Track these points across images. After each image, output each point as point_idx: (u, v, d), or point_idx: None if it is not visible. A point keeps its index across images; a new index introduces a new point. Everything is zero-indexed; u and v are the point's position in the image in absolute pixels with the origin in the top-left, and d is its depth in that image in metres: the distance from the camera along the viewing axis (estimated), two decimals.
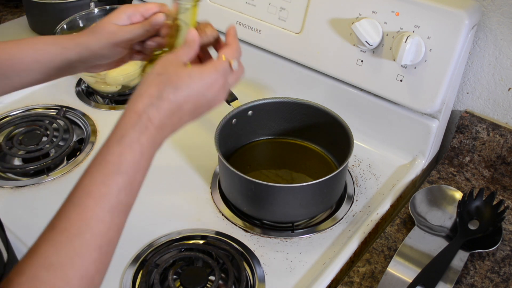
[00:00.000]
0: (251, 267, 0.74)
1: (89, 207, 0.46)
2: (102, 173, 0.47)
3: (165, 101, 0.51)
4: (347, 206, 0.83)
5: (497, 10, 0.81)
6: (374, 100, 0.90)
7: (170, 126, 0.53)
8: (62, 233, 0.44)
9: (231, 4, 1.00)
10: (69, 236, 0.44)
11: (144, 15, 0.68)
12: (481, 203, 0.77)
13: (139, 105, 0.51)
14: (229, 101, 0.87)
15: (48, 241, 0.44)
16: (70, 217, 0.45)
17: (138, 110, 0.51)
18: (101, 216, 0.46)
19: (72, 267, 0.43)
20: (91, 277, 0.45)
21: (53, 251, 0.43)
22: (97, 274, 0.45)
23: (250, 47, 1.02)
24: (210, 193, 0.85)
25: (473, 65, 0.87)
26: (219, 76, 0.57)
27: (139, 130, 0.50)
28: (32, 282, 0.42)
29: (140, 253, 0.75)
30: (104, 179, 0.47)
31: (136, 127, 0.50)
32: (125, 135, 0.49)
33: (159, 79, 0.53)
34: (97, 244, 0.45)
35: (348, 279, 0.72)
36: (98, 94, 1.08)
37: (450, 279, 0.69)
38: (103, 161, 0.48)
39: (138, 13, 0.68)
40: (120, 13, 0.67)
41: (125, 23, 0.67)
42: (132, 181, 0.49)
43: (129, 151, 0.49)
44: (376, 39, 0.82)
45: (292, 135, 0.93)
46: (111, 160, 0.48)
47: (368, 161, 0.92)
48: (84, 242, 0.45)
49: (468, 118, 0.89)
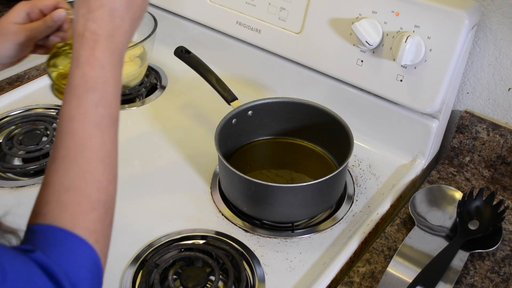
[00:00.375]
0: (251, 267, 0.74)
1: (76, 129, 0.49)
2: (74, 97, 0.50)
3: (96, 11, 0.52)
4: (347, 206, 0.83)
5: (497, 10, 0.81)
6: (374, 100, 0.90)
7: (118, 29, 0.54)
8: (64, 160, 0.48)
9: (231, 4, 1.00)
10: (71, 160, 0.48)
11: (44, 11, 0.69)
12: (481, 203, 0.77)
13: (78, 27, 0.53)
14: (229, 101, 0.87)
15: (56, 171, 0.48)
16: (65, 145, 0.48)
17: (79, 32, 0.52)
18: (91, 133, 0.49)
19: (86, 183, 0.47)
20: (105, 188, 0.49)
21: (64, 177, 0.47)
22: (109, 184, 0.50)
23: (250, 47, 1.03)
24: (210, 193, 0.85)
25: (473, 65, 0.87)
26: None
27: (89, 47, 0.51)
28: (58, 206, 0.46)
29: (140, 253, 0.75)
30: (79, 102, 0.50)
31: (85, 46, 0.51)
32: (79, 57, 0.51)
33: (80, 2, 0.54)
34: (99, 158, 0.49)
35: (348, 279, 0.72)
36: None
37: (450, 279, 0.69)
38: (71, 88, 0.51)
39: (36, 9, 0.68)
40: (18, 11, 0.68)
41: (24, 21, 0.68)
42: (105, 93, 0.51)
43: (88, 69, 0.51)
44: (376, 39, 0.82)
45: (292, 135, 0.93)
46: (77, 84, 0.50)
47: (368, 161, 0.92)
48: (87, 160, 0.48)
49: (468, 118, 0.89)
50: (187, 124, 1.00)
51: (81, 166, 0.48)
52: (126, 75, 1.01)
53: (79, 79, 0.50)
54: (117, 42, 0.53)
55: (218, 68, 0.94)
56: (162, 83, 1.10)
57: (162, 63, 1.15)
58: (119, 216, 0.82)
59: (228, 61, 1.08)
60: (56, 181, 0.47)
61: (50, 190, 0.47)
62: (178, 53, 0.94)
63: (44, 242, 0.45)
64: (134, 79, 1.05)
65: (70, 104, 0.50)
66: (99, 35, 0.52)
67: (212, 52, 1.09)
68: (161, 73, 1.13)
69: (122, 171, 0.90)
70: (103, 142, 0.50)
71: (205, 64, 0.92)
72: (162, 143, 0.95)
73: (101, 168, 0.49)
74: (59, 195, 0.47)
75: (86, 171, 0.48)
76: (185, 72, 0.99)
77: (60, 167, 0.48)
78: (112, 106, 0.52)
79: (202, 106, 1.04)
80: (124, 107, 1.04)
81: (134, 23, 0.57)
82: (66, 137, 0.49)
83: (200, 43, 1.10)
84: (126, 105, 1.05)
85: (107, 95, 0.51)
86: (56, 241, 0.45)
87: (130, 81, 1.04)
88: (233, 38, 1.04)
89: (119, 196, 0.85)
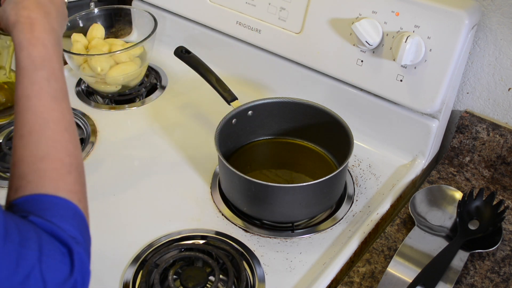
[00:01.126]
0: (251, 267, 0.74)
1: (36, 105, 0.52)
2: (25, 77, 0.53)
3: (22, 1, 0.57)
4: (347, 206, 0.83)
5: (497, 10, 0.81)
6: (374, 100, 0.90)
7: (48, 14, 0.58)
8: (31, 134, 0.51)
9: (231, 4, 1.00)
10: (38, 132, 0.51)
11: None
12: (481, 203, 0.77)
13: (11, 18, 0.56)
14: (229, 101, 0.87)
15: (26, 146, 0.50)
16: (28, 121, 0.51)
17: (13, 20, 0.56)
18: (49, 106, 0.52)
19: (57, 150, 0.51)
20: (74, 153, 0.52)
21: (36, 149, 0.50)
22: (76, 149, 0.53)
23: (250, 47, 1.03)
24: (210, 193, 0.85)
25: (473, 65, 0.87)
26: None
27: (28, 30, 0.55)
28: (37, 175, 0.49)
29: (140, 253, 0.75)
30: (31, 80, 0.53)
31: (24, 31, 0.55)
32: (21, 41, 0.54)
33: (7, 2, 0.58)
34: (63, 127, 0.52)
35: (348, 279, 0.72)
36: (98, 94, 1.08)
37: (450, 279, 0.69)
38: (20, 70, 0.53)
39: None
40: None
41: None
42: (52, 69, 0.54)
43: (32, 48, 0.54)
44: (376, 39, 0.82)
45: (292, 135, 0.93)
46: (25, 64, 0.53)
47: (368, 161, 0.92)
48: (53, 130, 0.51)
49: (468, 118, 0.89)
50: (187, 124, 1.00)
51: (49, 136, 0.51)
52: (126, 75, 1.01)
53: (26, 60, 0.53)
54: (51, 23, 0.58)
55: (218, 68, 0.94)
56: (162, 83, 1.11)
57: (162, 63, 1.15)
58: (119, 216, 0.82)
59: (228, 61, 1.08)
60: (28, 154, 0.50)
61: (24, 164, 0.49)
62: (178, 53, 0.94)
63: (34, 209, 0.47)
64: (134, 79, 1.05)
65: (23, 84, 0.52)
66: (33, 18, 0.56)
67: (212, 52, 1.09)
68: (161, 73, 1.13)
69: (122, 171, 0.90)
70: (62, 113, 0.53)
71: (205, 64, 0.92)
72: (162, 143, 0.95)
73: (67, 136, 0.52)
74: (35, 165, 0.49)
75: (55, 140, 0.51)
76: (185, 72, 1.00)
77: (29, 142, 0.50)
78: (61, 80, 0.55)
79: (202, 106, 1.04)
80: (124, 107, 1.04)
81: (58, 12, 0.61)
82: (27, 114, 0.51)
83: (200, 43, 1.10)
84: (126, 105, 1.05)
85: (55, 70, 0.54)
86: (45, 206, 0.47)
87: (130, 81, 1.04)
88: (233, 38, 1.04)
89: (119, 196, 0.85)
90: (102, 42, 1.06)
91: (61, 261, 0.45)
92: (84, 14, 1.11)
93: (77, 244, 0.46)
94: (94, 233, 0.78)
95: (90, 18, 1.11)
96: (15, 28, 0.55)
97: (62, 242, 0.45)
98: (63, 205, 0.49)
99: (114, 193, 0.85)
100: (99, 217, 0.81)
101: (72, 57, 1.01)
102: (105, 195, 0.85)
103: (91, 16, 1.12)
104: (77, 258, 0.46)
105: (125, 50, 1.00)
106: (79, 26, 1.10)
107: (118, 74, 1.00)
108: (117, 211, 0.83)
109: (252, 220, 0.81)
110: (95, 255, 0.75)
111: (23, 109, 0.52)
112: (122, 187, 0.87)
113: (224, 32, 1.04)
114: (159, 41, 1.14)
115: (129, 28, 1.23)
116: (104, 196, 0.85)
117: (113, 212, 0.82)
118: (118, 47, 1.05)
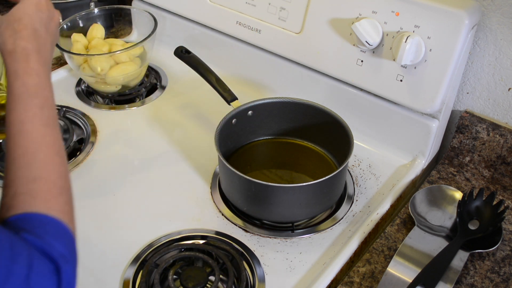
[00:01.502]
0: (251, 267, 0.74)
1: (29, 129, 0.54)
2: (20, 103, 0.55)
3: (22, 31, 0.60)
4: (347, 206, 0.83)
5: (497, 10, 0.81)
6: (374, 100, 0.90)
7: (43, 46, 0.61)
8: (24, 157, 0.52)
9: (231, 4, 1.00)
10: (31, 155, 0.53)
11: None
12: (481, 203, 0.77)
13: (8, 46, 0.59)
14: (229, 101, 0.87)
15: (19, 168, 0.52)
16: (21, 144, 0.53)
17: (10, 49, 0.59)
18: (42, 131, 0.54)
19: (49, 173, 0.53)
20: (65, 176, 0.54)
21: (28, 170, 0.52)
22: (67, 173, 0.55)
23: (250, 47, 1.03)
24: (210, 193, 0.85)
25: (473, 65, 0.87)
26: None
27: (23, 60, 0.58)
28: (29, 195, 0.50)
29: (140, 253, 0.75)
30: (25, 106, 0.55)
31: (19, 61, 0.58)
32: (16, 70, 0.57)
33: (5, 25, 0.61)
34: (55, 151, 0.54)
35: (348, 279, 0.72)
36: (98, 94, 1.08)
37: (450, 279, 0.69)
38: (14, 97, 0.55)
39: None
40: None
41: None
42: (46, 98, 0.57)
43: (27, 77, 0.57)
44: (376, 39, 0.82)
45: (292, 135, 0.93)
46: (20, 92, 0.56)
47: (368, 161, 0.92)
48: (45, 153, 0.53)
49: (468, 118, 0.89)
50: (187, 124, 1.00)
51: (42, 159, 0.53)
52: (126, 75, 1.01)
53: (21, 88, 0.56)
54: (44, 56, 0.61)
55: (218, 68, 0.94)
56: (162, 83, 1.11)
57: (162, 63, 1.15)
58: (119, 216, 0.82)
59: (228, 61, 1.08)
60: (21, 175, 0.51)
61: (17, 184, 0.51)
62: (178, 53, 0.94)
63: (26, 227, 0.48)
64: (134, 79, 1.05)
65: (17, 110, 0.55)
66: (30, 49, 0.59)
67: (212, 52, 1.09)
68: (161, 73, 1.13)
69: (122, 171, 0.90)
70: (54, 138, 0.55)
71: (205, 64, 0.92)
72: (162, 143, 0.95)
73: (58, 159, 0.54)
74: (27, 185, 0.51)
75: (47, 163, 0.53)
76: (185, 72, 1.00)
77: (22, 164, 0.52)
78: (53, 108, 0.58)
79: (202, 106, 1.04)
80: (124, 107, 1.04)
81: (53, 43, 0.66)
82: (21, 137, 0.53)
83: (200, 43, 1.11)
84: (126, 105, 1.05)
85: (48, 99, 0.57)
86: (37, 224, 0.49)
87: (130, 81, 1.04)
88: (233, 38, 1.04)
89: (119, 196, 0.85)
90: (102, 42, 1.06)
91: (50, 278, 0.46)
92: (84, 14, 1.11)
93: (66, 262, 0.47)
94: (94, 233, 0.79)
95: (90, 18, 1.11)
96: (11, 56, 0.58)
97: (52, 259, 0.46)
98: (54, 224, 0.50)
99: (114, 193, 0.85)
100: (99, 217, 0.81)
101: (72, 57, 1.01)
102: (105, 195, 0.85)
103: (91, 16, 1.12)
104: (65, 277, 0.47)
105: (125, 50, 1.00)
106: (79, 26, 1.10)
107: (118, 74, 1.00)
108: (117, 211, 0.83)
109: (252, 220, 0.81)
110: (95, 255, 0.75)
111: (17, 133, 0.54)
112: (122, 187, 0.87)
113: (224, 32, 1.04)
114: (159, 41, 1.14)
115: (129, 28, 1.23)
116: (104, 196, 0.85)
117: (113, 212, 0.82)
118: (118, 47, 1.05)
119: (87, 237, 0.78)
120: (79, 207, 0.83)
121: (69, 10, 1.17)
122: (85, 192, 0.85)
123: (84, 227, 0.79)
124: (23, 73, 0.57)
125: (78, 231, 0.80)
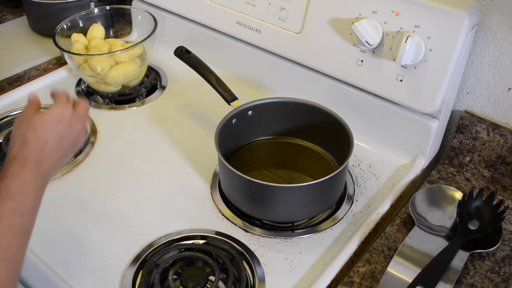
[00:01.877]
0: (251, 267, 0.74)
1: None
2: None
3: (31, 141, 0.61)
4: (347, 206, 0.83)
5: (497, 10, 0.81)
6: (374, 100, 0.90)
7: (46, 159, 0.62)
8: None
9: (231, 4, 1.00)
10: None
11: None
12: (481, 203, 0.77)
13: (12, 152, 0.61)
14: (229, 101, 0.87)
15: None
16: None
17: (13, 155, 0.60)
18: (2, 233, 0.54)
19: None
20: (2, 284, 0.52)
21: None
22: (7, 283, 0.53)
23: (250, 47, 1.03)
24: (210, 193, 0.85)
25: (473, 65, 0.87)
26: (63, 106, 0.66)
27: (18, 166, 0.59)
28: None
29: (140, 253, 0.75)
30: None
31: (14, 165, 0.59)
32: (7, 173, 0.59)
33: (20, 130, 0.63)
34: (5, 256, 0.54)
35: (348, 279, 0.72)
36: (98, 94, 1.08)
37: (450, 279, 0.69)
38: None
39: None
40: None
41: None
42: (23, 203, 0.57)
43: (12, 181, 0.58)
44: (376, 39, 0.82)
45: (292, 135, 0.93)
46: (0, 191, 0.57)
47: (368, 161, 0.92)
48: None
49: (468, 118, 0.89)
50: (187, 124, 1.00)
51: None
52: (126, 75, 1.02)
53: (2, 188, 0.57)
54: (43, 169, 0.61)
55: (218, 68, 0.94)
56: (162, 83, 1.11)
57: (162, 63, 1.15)
58: (119, 216, 0.82)
59: (228, 61, 1.08)
60: None
61: None
62: (178, 53, 0.94)
63: None
64: (134, 79, 1.05)
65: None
66: (29, 159, 0.60)
67: (212, 52, 1.09)
68: (161, 73, 1.13)
69: (122, 171, 0.90)
70: (11, 243, 0.55)
71: (205, 64, 0.92)
72: (162, 143, 0.95)
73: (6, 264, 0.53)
74: None
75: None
76: (185, 72, 1.00)
77: None
78: (27, 217, 0.58)
79: (202, 106, 1.04)
80: (124, 107, 1.04)
81: (63, 157, 0.65)
82: None
83: (200, 43, 1.11)
84: (126, 105, 1.05)
85: (25, 205, 0.57)
86: None
87: (130, 81, 1.04)
88: (233, 38, 1.04)
89: (119, 196, 0.85)
90: (102, 42, 1.06)
91: None
92: (84, 14, 1.11)
93: None
94: (94, 233, 0.79)
95: (90, 18, 1.11)
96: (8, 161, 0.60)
97: None
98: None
99: (114, 193, 0.85)
100: (99, 217, 0.81)
101: (72, 57, 1.01)
102: (105, 195, 0.85)
103: (91, 16, 1.12)
104: None
105: (125, 50, 1.00)
106: (79, 26, 1.10)
107: (118, 74, 1.00)
108: (117, 211, 0.83)
109: (252, 220, 0.81)
110: (95, 255, 0.75)
111: None
112: (122, 187, 0.87)
113: (224, 32, 1.04)
114: (159, 41, 1.14)
115: (129, 28, 1.23)
116: (104, 196, 0.85)
117: (113, 212, 0.82)
118: (118, 47, 1.05)
119: (87, 237, 0.78)
120: (79, 207, 0.83)
121: (69, 10, 1.17)
122: (85, 192, 0.85)
123: (84, 227, 0.79)
124: (11, 177, 0.58)
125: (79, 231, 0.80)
